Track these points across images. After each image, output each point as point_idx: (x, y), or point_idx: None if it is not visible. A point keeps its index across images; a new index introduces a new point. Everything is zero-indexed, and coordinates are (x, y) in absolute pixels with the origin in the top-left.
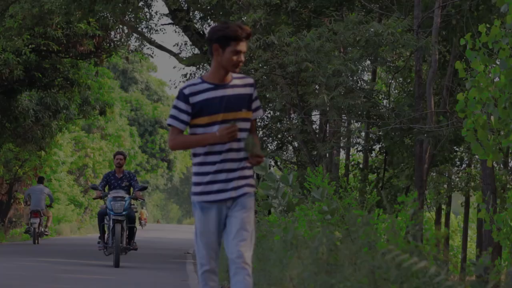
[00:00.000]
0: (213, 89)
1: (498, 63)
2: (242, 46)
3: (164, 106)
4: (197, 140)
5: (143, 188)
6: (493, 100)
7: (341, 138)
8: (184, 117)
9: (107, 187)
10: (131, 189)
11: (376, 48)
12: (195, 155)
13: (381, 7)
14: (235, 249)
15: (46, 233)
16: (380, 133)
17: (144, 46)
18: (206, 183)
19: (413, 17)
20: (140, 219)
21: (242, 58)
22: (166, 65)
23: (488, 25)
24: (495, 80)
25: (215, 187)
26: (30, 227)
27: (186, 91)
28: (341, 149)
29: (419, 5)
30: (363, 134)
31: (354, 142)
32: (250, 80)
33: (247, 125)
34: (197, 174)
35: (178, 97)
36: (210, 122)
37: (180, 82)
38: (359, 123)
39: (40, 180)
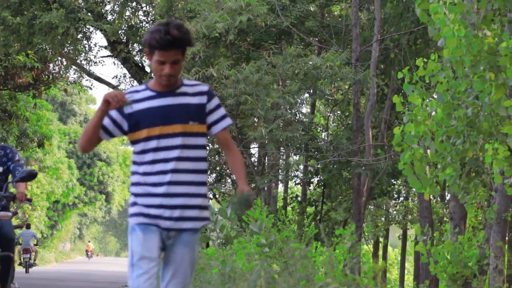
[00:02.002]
0: (154, 97)
1: (435, 96)
2: (167, 56)
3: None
4: (91, 120)
5: (31, 176)
6: (430, 134)
7: (280, 171)
8: (107, 122)
9: None
10: (10, 180)
11: (315, 81)
12: (133, 173)
13: (320, 41)
14: None
15: (35, 264)
16: (319, 166)
17: (83, 78)
18: (145, 205)
19: (351, 50)
20: (86, 251)
21: (167, 70)
22: None
23: (425, 59)
24: (432, 114)
25: (156, 211)
26: (23, 261)
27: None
28: (279, 182)
29: (357, 39)
30: (301, 167)
31: (292, 175)
32: (203, 88)
33: (198, 141)
34: (136, 195)
35: None
36: (148, 136)
37: None
38: (298, 156)
39: (28, 226)
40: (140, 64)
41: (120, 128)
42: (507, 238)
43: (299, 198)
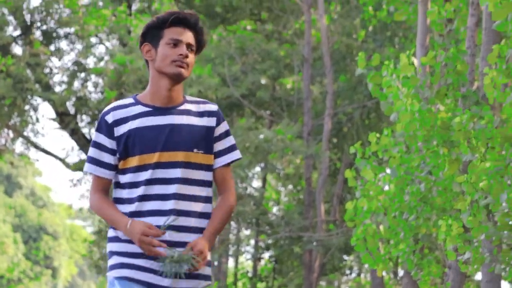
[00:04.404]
0: (149, 114)
1: (388, 171)
2: (183, 34)
3: (49, 212)
4: (111, 219)
5: None
6: (383, 209)
7: (230, 245)
8: (108, 158)
9: None
10: None
11: (266, 154)
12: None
13: (271, 114)
14: None
15: None
16: (270, 241)
17: (30, 150)
18: (132, 255)
19: (303, 123)
20: None
21: (185, 50)
22: (52, 169)
23: (378, 134)
24: (385, 189)
25: (146, 263)
26: None
27: (110, 119)
28: (229, 257)
29: (309, 112)
30: (252, 242)
31: (243, 250)
32: (212, 107)
33: (203, 175)
34: (118, 240)
35: (98, 128)
36: (140, 166)
37: (69, 187)
38: (249, 230)
39: None
40: (88, 137)
41: (116, 154)
42: None
43: (249, 274)
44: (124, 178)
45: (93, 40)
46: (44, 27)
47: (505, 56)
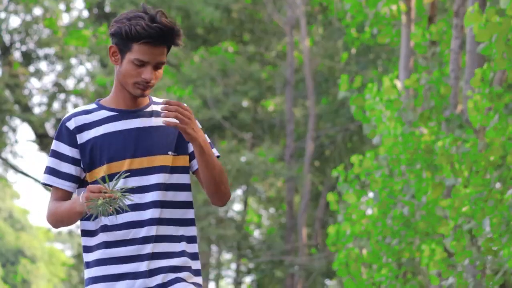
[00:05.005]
0: (115, 118)
1: (370, 195)
2: (151, 54)
3: (27, 235)
4: (68, 209)
5: None
6: (366, 233)
7: (211, 269)
8: (68, 168)
9: None
10: None
11: (248, 177)
12: (85, 232)
13: (253, 136)
14: None
15: None
16: (251, 265)
17: (8, 172)
18: (113, 277)
19: (285, 146)
20: None
21: (148, 74)
22: (31, 192)
23: (361, 157)
24: (367, 213)
25: (129, 285)
26: None
27: (71, 125)
28: (210, 281)
29: (291, 134)
30: (233, 266)
31: (223, 274)
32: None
33: (181, 178)
34: (96, 264)
35: (57, 136)
36: (109, 175)
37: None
38: (230, 254)
39: None
40: None
41: (79, 164)
42: None
43: None
44: None
45: (73, 61)
46: (24, 48)
47: (488, 80)
